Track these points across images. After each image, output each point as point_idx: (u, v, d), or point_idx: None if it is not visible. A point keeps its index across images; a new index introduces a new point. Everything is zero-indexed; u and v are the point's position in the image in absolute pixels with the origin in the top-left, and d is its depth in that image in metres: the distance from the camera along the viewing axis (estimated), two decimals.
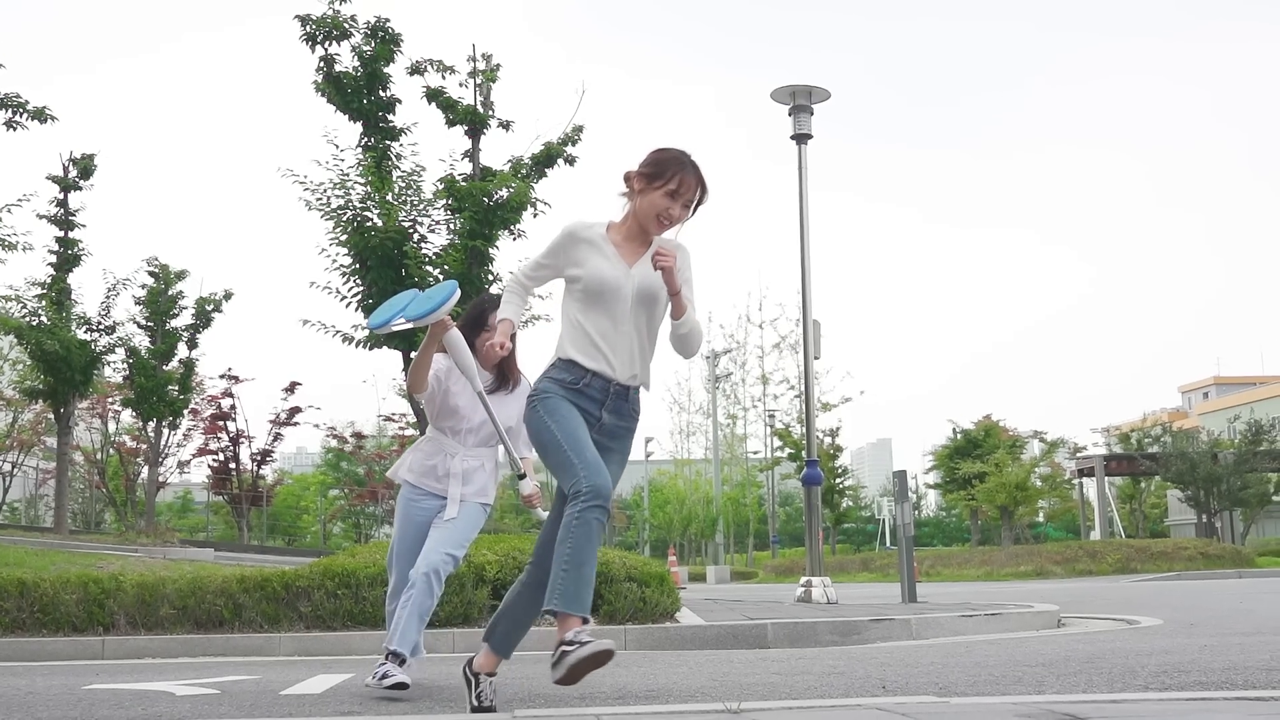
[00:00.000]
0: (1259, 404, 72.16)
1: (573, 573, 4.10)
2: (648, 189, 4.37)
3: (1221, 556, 30.68)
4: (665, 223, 4.40)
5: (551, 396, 4.34)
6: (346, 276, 13.27)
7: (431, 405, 5.40)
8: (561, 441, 4.25)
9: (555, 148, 14.16)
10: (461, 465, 5.38)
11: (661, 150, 4.46)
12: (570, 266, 4.41)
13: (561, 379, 4.37)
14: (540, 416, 4.34)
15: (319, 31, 13.48)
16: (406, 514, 5.43)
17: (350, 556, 9.57)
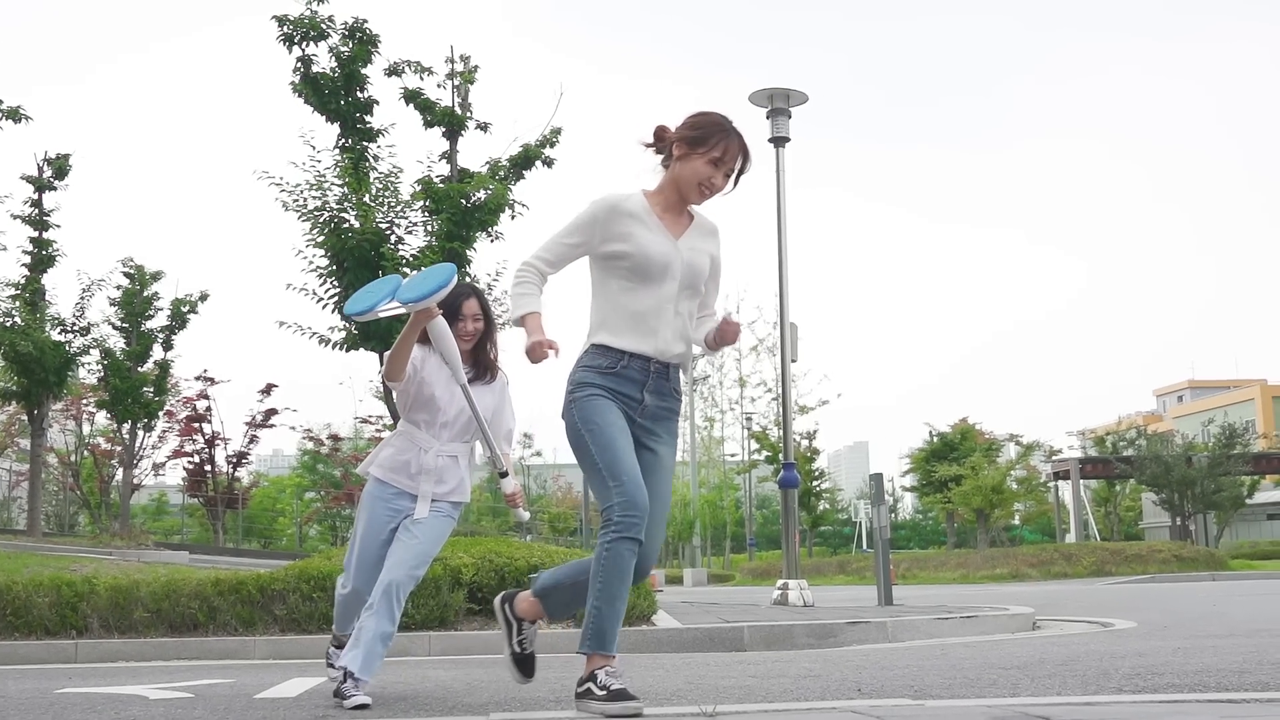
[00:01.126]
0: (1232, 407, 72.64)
1: (605, 609, 3.97)
2: (689, 155, 4.15)
3: (1195, 559, 30.86)
4: (706, 192, 4.19)
5: (590, 396, 4.11)
6: (323, 278, 13.23)
7: (405, 396, 5.03)
8: (596, 456, 4.05)
9: (533, 150, 14.16)
10: (435, 461, 4.99)
11: (703, 114, 4.23)
12: (611, 241, 4.14)
13: (597, 365, 4.13)
14: (576, 422, 4.12)
15: (296, 32, 13.44)
16: (373, 513, 5.00)
17: (326, 559, 9.54)
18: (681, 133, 4.19)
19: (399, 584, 4.78)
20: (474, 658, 7.81)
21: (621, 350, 4.13)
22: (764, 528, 68.20)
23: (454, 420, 5.02)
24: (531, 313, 4.16)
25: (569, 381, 4.19)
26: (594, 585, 3.97)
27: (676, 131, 4.21)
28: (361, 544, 5.00)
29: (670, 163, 4.23)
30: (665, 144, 4.25)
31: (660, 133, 4.26)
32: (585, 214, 4.19)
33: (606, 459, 4.02)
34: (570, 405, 4.14)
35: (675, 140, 4.19)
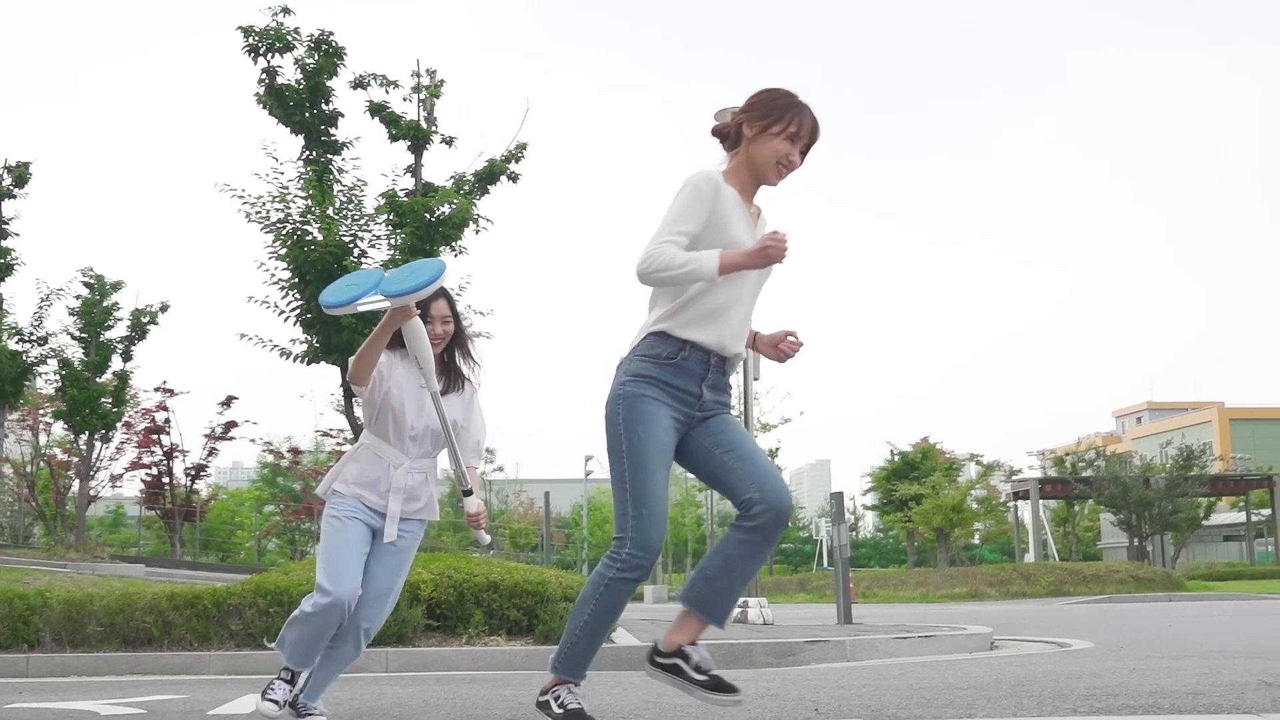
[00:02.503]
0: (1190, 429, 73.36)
1: (585, 641, 3.89)
2: (764, 134, 3.90)
3: (1152, 580, 31.09)
4: (784, 171, 3.95)
5: (641, 396, 3.85)
6: (285, 290, 13.15)
7: (370, 407, 4.66)
8: (628, 474, 3.83)
9: (498, 164, 14.14)
10: (406, 479, 4.64)
11: (769, 91, 3.99)
12: (713, 222, 3.86)
13: (656, 354, 3.88)
14: (619, 420, 3.86)
15: (262, 43, 13.37)
16: (346, 520, 4.57)
17: (283, 574, 9.47)
18: (751, 114, 3.94)
19: (375, 624, 4.65)
20: (431, 674, 7.77)
21: (684, 340, 3.88)
22: None
23: (422, 435, 4.69)
24: (720, 250, 3.78)
25: (621, 369, 3.94)
26: (581, 613, 3.87)
27: (745, 114, 3.96)
28: (342, 550, 4.53)
29: (738, 147, 3.99)
30: (729, 132, 4.02)
31: (720, 130, 4.06)
32: (688, 194, 3.86)
33: (636, 482, 3.82)
34: (619, 397, 3.88)
35: (745, 121, 3.95)
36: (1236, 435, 76.22)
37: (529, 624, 8.65)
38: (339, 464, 4.77)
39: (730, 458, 3.92)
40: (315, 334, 13.14)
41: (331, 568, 4.48)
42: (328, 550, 4.56)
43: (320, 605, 4.43)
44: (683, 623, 3.92)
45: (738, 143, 4.00)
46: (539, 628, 8.57)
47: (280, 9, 13.43)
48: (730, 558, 3.86)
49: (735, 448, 3.93)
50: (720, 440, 3.94)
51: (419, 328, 4.45)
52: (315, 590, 4.48)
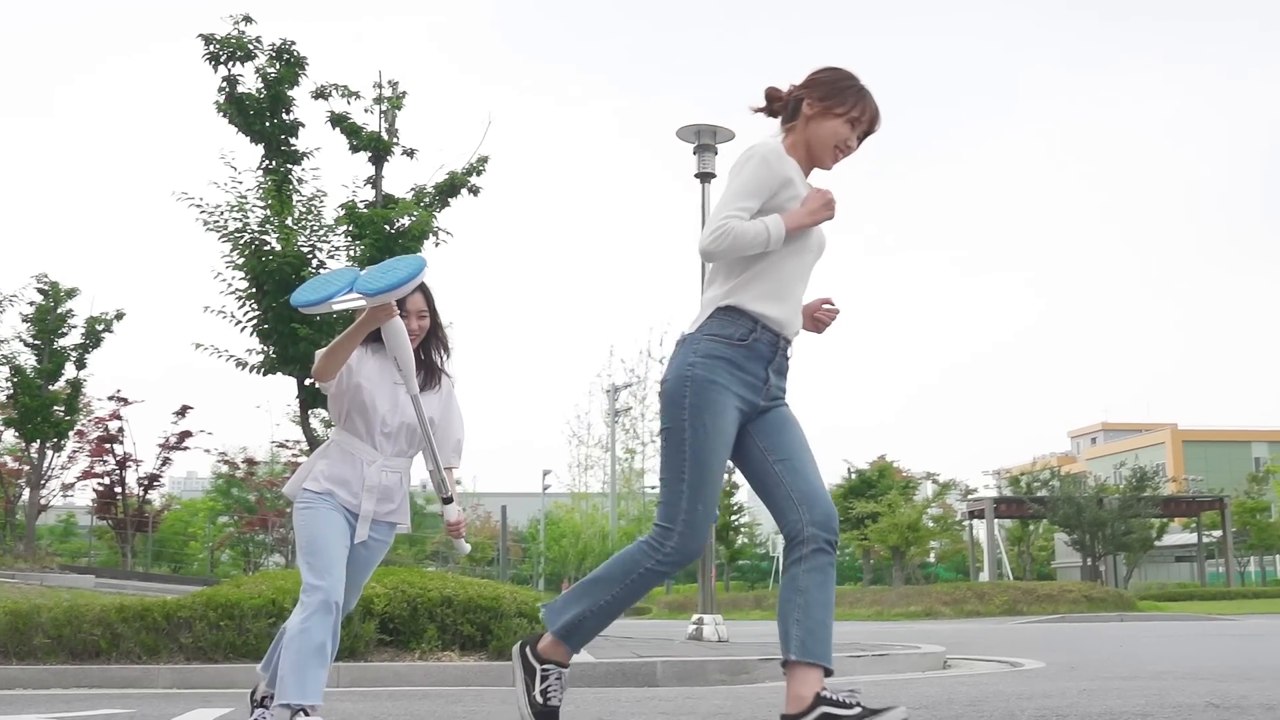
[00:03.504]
0: (1144, 450, 74.12)
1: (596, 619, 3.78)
2: (825, 115, 3.79)
3: (1105, 599, 31.33)
4: (840, 155, 3.85)
5: (712, 381, 3.66)
6: (242, 300, 13.08)
7: (339, 401, 4.42)
8: (687, 465, 3.65)
9: (459, 177, 14.13)
10: (380, 477, 4.39)
11: (833, 70, 3.88)
12: (781, 191, 3.72)
13: (728, 334, 3.68)
14: (684, 404, 3.67)
15: (223, 51, 13.31)
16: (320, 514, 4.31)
17: (235, 586, 9.38)
18: (813, 93, 3.82)
19: None
20: (384, 689, 7.71)
21: (756, 319, 3.70)
22: None
23: (397, 432, 4.44)
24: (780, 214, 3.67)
25: (689, 347, 3.74)
26: (602, 590, 3.71)
27: (807, 90, 3.84)
28: (324, 542, 4.26)
29: (795, 124, 3.86)
30: (785, 104, 3.89)
31: (773, 93, 3.92)
32: (753, 164, 3.71)
33: (696, 475, 3.63)
34: (686, 379, 3.68)
35: (807, 99, 3.82)
36: (1189, 457, 77.06)
37: (483, 639, 8.61)
38: (308, 462, 4.52)
39: (782, 468, 3.77)
40: (272, 344, 13.07)
41: (317, 561, 4.20)
42: (310, 544, 4.26)
43: (312, 606, 4.11)
44: (800, 677, 3.68)
45: (793, 117, 3.86)
46: (493, 643, 8.53)
47: (242, 17, 13.39)
48: (805, 591, 3.71)
49: (789, 456, 3.78)
50: (775, 444, 3.79)
51: (399, 327, 4.25)
52: (303, 592, 4.17)
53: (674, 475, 3.66)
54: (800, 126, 3.84)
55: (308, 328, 12.80)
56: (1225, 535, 44.53)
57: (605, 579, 3.74)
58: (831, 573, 3.73)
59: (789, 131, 3.87)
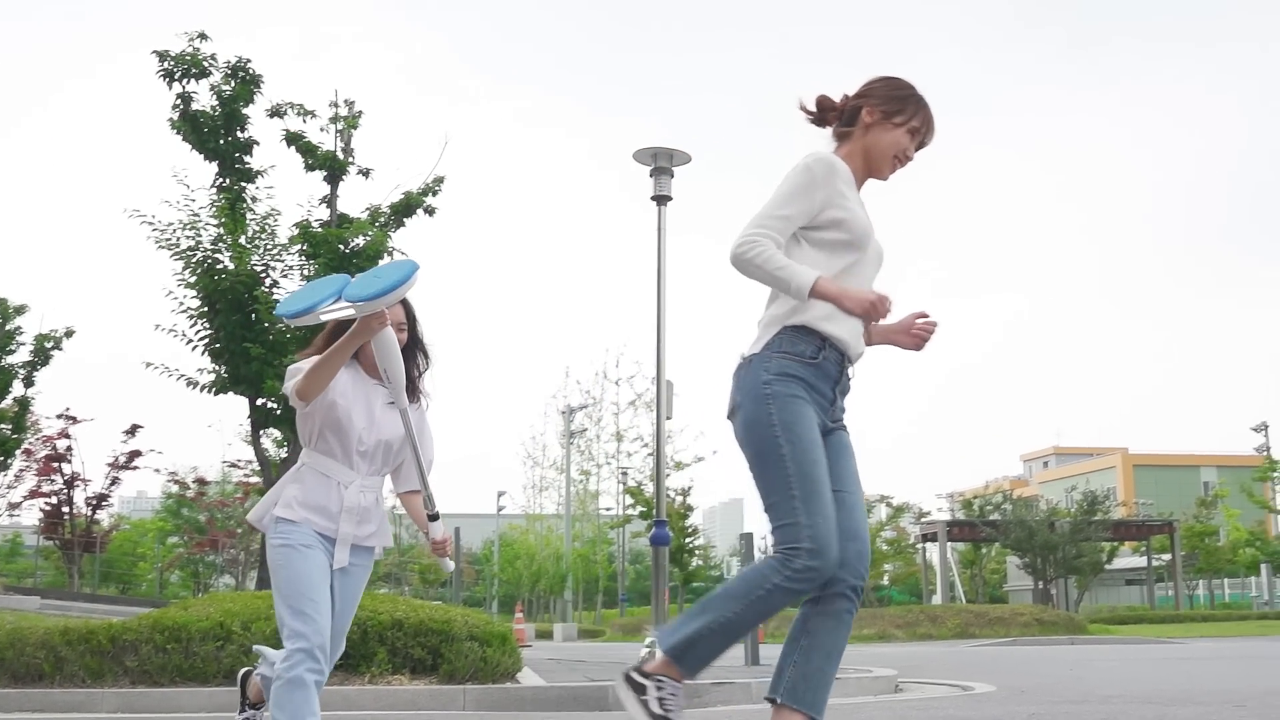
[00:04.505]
0: (1095, 474, 74.69)
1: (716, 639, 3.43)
2: (885, 124, 3.68)
3: (1056, 623, 31.51)
4: (898, 165, 3.74)
5: (794, 396, 3.48)
6: (193, 319, 12.99)
7: (310, 421, 4.10)
8: (793, 480, 3.43)
9: (415, 197, 14.11)
10: (358, 499, 4.11)
11: (891, 79, 3.77)
12: (829, 208, 3.55)
13: (799, 351, 3.51)
14: (771, 421, 3.47)
15: (177, 68, 13.24)
16: (300, 553, 3.99)
17: (182, 609, 9.26)
18: (875, 101, 3.71)
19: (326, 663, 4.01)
20: (333, 714, 7.62)
21: (825, 337, 3.53)
22: (636, 583, 68.13)
23: (374, 450, 4.16)
24: (821, 275, 3.44)
25: (759, 366, 3.54)
26: (724, 608, 3.42)
27: (865, 99, 3.72)
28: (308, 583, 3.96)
29: (851, 133, 3.73)
30: (839, 113, 3.77)
31: (826, 102, 3.79)
32: (801, 178, 3.55)
33: (806, 489, 3.42)
34: (766, 396, 3.49)
35: (866, 107, 3.70)
36: (1139, 481, 77.74)
37: (433, 663, 8.54)
38: (275, 488, 4.17)
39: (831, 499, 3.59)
40: (223, 364, 12.98)
41: (298, 604, 3.91)
42: (290, 585, 3.95)
43: (296, 655, 3.85)
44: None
45: (848, 126, 3.75)
46: (444, 667, 8.46)
47: (197, 34, 13.33)
48: (813, 634, 3.52)
49: (841, 488, 3.59)
50: (831, 471, 3.58)
51: (390, 339, 3.98)
52: (285, 638, 3.89)
53: (782, 495, 3.44)
54: (858, 135, 3.72)
55: (260, 347, 12.72)
56: (1174, 559, 44.91)
57: (729, 593, 3.48)
58: (848, 620, 3.55)
59: (843, 140, 3.76)
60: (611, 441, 50.93)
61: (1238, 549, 49.63)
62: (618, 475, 49.58)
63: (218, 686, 7.90)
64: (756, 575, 3.43)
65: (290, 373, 4.06)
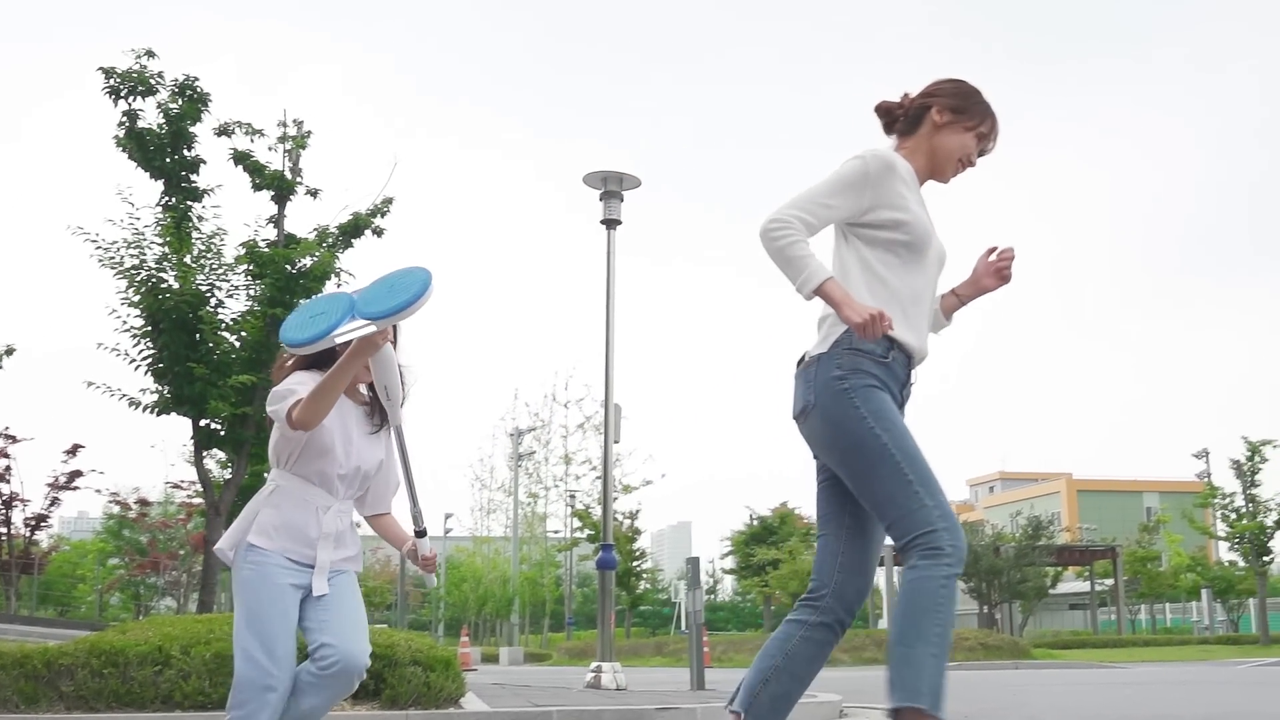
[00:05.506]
0: (1039, 499, 75.39)
1: (939, 662, 3.24)
2: (955, 125, 3.61)
3: (1000, 647, 31.69)
4: (960, 170, 3.66)
5: (872, 386, 3.35)
6: (137, 338, 12.85)
7: (290, 444, 3.90)
8: (903, 464, 3.27)
9: (363, 218, 14.05)
10: (336, 523, 3.93)
11: (960, 82, 3.70)
12: (883, 208, 3.44)
13: (869, 350, 3.38)
14: (859, 414, 3.32)
15: (124, 86, 13.13)
16: (267, 585, 3.79)
17: (120, 633, 9.12)
18: (944, 100, 3.63)
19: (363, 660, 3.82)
20: None
21: (893, 339, 3.40)
22: (583, 606, 67.95)
23: (352, 475, 4.00)
24: (831, 277, 3.31)
25: (828, 363, 3.40)
26: (926, 630, 3.20)
27: (935, 99, 3.65)
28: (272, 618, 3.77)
29: (917, 133, 3.65)
30: (906, 113, 3.70)
31: (892, 106, 3.72)
32: (854, 171, 3.44)
33: (918, 471, 3.27)
34: (844, 391, 3.34)
35: (936, 107, 3.62)
36: (1083, 506, 78.52)
37: (375, 688, 8.45)
38: (248, 513, 3.95)
39: (853, 521, 3.53)
40: (166, 384, 12.85)
41: (265, 641, 3.73)
42: (253, 618, 3.78)
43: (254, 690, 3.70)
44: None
45: (913, 126, 3.68)
46: (386, 692, 8.38)
47: (144, 52, 13.22)
48: (792, 657, 3.46)
49: None
50: None
51: (390, 355, 3.77)
52: (245, 667, 3.72)
53: (898, 484, 3.28)
54: (925, 135, 3.64)
55: (204, 367, 12.60)
56: (1117, 584, 45.34)
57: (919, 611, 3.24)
58: (827, 652, 3.50)
59: (907, 140, 3.68)
60: (560, 464, 50.78)
61: (1179, 574, 50.21)
62: (566, 498, 49.47)
63: (155, 712, 7.79)
64: (924, 581, 3.23)
65: (277, 395, 3.83)
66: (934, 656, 3.21)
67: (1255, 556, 34.33)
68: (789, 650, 3.46)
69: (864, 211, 3.44)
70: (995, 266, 3.74)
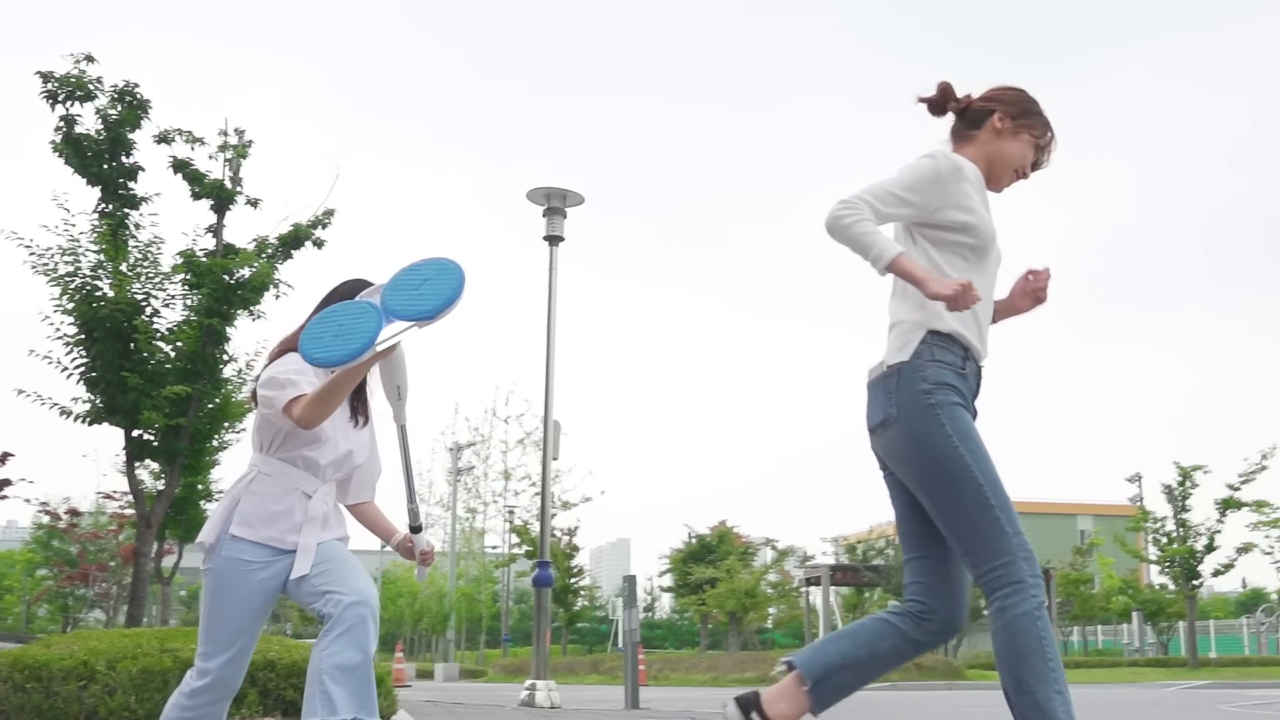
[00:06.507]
0: None
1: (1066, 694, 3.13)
2: (1017, 135, 3.54)
3: (934, 668, 31.89)
4: (1016, 178, 3.59)
5: (957, 405, 3.27)
6: (70, 347, 12.65)
7: (276, 428, 3.79)
8: (987, 491, 3.18)
9: (304, 230, 13.93)
10: (323, 507, 3.85)
11: (1025, 92, 3.61)
12: (951, 209, 3.36)
13: (949, 361, 3.30)
14: (946, 433, 3.22)
15: (62, 90, 12.93)
16: (243, 582, 3.72)
17: (45, 647, 8.96)
18: (1007, 107, 3.56)
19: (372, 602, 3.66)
20: None
21: (966, 345, 3.34)
22: (520, 622, 67.67)
23: (342, 459, 3.93)
24: (904, 252, 3.21)
25: (912, 375, 3.30)
26: (1043, 668, 3.09)
27: (997, 104, 3.57)
28: (229, 622, 3.73)
29: (976, 136, 3.58)
30: (963, 110, 3.61)
31: (950, 91, 3.62)
32: (925, 169, 3.35)
33: (1001, 498, 3.18)
34: (931, 406, 3.25)
35: (998, 113, 3.55)
36: None
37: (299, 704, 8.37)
38: (226, 501, 3.84)
39: None
40: (99, 393, 12.66)
41: (217, 634, 3.72)
42: (214, 614, 3.74)
43: (198, 685, 3.74)
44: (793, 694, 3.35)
45: (971, 128, 3.60)
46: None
47: (83, 56, 13.05)
48: (877, 656, 3.39)
49: None
50: None
51: (402, 355, 3.66)
52: (196, 657, 3.75)
53: (981, 510, 3.18)
54: (985, 140, 3.56)
55: (138, 377, 12.44)
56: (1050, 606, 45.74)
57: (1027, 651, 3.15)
58: (905, 661, 3.45)
59: (965, 142, 3.59)
60: (499, 480, 50.62)
61: (1111, 597, 50.87)
62: (504, 514, 49.29)
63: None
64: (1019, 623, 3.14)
65: (274, 382, 3.71)
66: (1059, 694, 3.12)
67: (1185, 580, 34.79)
68: (878, 651, 3.38)
69: (933, 211, 3.36)
70: (1032, 288, 3.64)
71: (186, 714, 3.81)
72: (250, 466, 3.86)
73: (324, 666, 3.52)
